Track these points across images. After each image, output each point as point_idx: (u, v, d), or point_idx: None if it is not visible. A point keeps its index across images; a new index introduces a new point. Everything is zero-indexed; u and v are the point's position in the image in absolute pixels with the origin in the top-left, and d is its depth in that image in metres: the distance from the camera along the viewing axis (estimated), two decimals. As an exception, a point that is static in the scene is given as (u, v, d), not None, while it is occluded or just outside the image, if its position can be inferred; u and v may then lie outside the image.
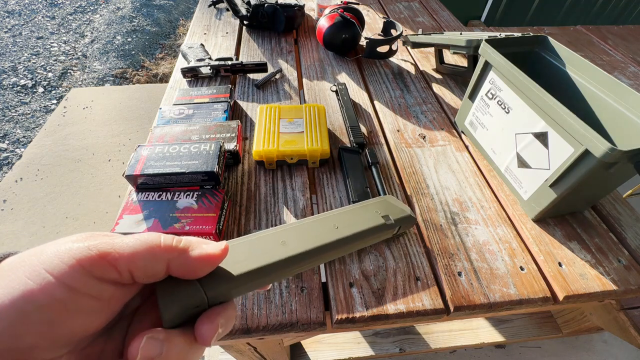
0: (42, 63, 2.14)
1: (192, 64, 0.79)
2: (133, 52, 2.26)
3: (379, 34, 1.04)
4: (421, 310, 0.44)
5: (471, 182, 0.60)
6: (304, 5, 1.03)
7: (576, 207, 0.55)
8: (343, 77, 0.85)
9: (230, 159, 0.59)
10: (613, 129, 0.52)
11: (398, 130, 0.70)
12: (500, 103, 0.57)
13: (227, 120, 0.64)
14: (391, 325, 0.46)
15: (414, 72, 0.88)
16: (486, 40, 0.60)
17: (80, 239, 0.17)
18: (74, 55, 2.25)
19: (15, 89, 1.93)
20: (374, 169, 0.59)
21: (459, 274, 0.48)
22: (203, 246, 0.20)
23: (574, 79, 0.57)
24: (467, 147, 0.67)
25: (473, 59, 0.78)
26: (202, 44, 0.87)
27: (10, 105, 1.83)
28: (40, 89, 1.95)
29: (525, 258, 0.50)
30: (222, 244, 0.20)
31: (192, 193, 0.52)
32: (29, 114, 1.79)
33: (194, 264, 0.19)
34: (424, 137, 0.69)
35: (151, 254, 0.18)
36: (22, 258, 0.16)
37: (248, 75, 0.83)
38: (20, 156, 1.55)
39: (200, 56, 0.82)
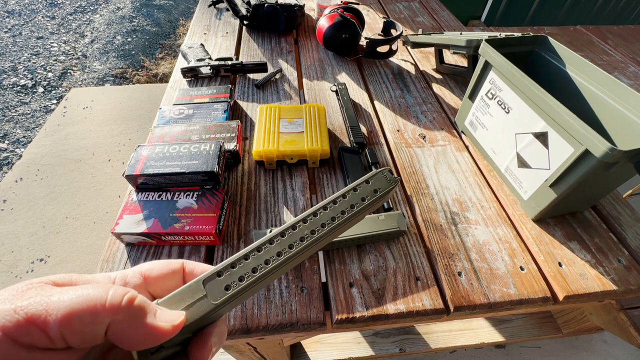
0: (42, 63, 2.14)
1: (192, 64, 0.79)
2: (133, 52, 2.26)
3: (379, 34, 1.04)
4: (421, 310, 0.44)
5: (471, 182, 0.60)
6: (304, 5, 1.03)
7: (576, 207, 0.55)
8: (343, 77, 0.85)
9: (230, 159, 0.59)
10: (613, 129, 0.52)
11: (398, 130, 0.70)
12: (500, 103, 0.57)
13: (227, 120, 0.64)
14: (391, 325, 0.46)
15: (414, 72, 0.88)
16: (486, 40, 0.60)
17: (8, 297, 0.15)
18: (74, 55, 2.25)
19: (15, 89, 1.93)
20: (374, 169, 0.59)
21: (459, 274, 0.48)
22: (157, 313, 0.17)
23: (574, 79, 0.57)
24: (467, 147, 0.67)
25: (473, 59, 0.78)
26: (202, 44, 0.87)
27: (10, 105, 1.83)
28: (40, 89, 1.95)
29: (525, 258, 0.50)
30: (180, 316, 0.17)
31: (192, 193, 0.52)
32: (29, 114, 1.79)
33: (134, 336, 0.16)
34: (424, 137, 0.69)
35: (91, 314, 0.15)
36: None
37: (248, 75, 0.83)
38: (20, 156, 1.55)
39: (200, 56, 0.82)
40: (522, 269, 0.49)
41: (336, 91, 0.77)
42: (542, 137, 0.50)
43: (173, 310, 0.17)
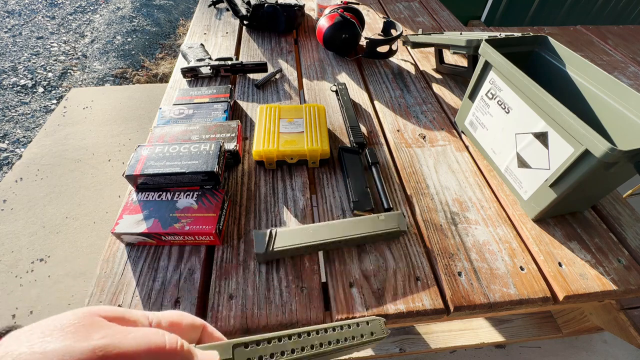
0: (42, 63, 2.14)
1: (192, 64, 0.79)
2: (133, 52, 2.25)
3: (379, 34, 1.04)
4: (421, 310, 0.44)
5: (471, 182, 0.60)
6: (304, 5, 1.03)
7: (576, 207, 0.55)
8: (343, 77, 0.85)
9: (230, 159, 0.59)
10: (613, 129, 0.52)
11: (398, 130, 0.70)
12: (500, 103, 0.57)
13: (227, 120, 0.64)
14: (391, 325, 0.46)
15: (414, 72, 0.88)
16: (486, 40, 0.60)
17: (76, 331, 0.15)
18: (74, 55, 2.25)
19: (15, 89, 1.93)
20: (374, 169, 0.59)
21: (459, 274, 0.48)
22: (199, 354, 0.19)
23: (574, 79, 0.57)
24: (467, 147, 0.67)
25: (473, 59, 0.78)
26: (202, 44, 0.87)
27: (10, 105, 1.83)
28: (40, 89, 1.95)
29: (525, 258, 0.50)
30: (217, 355, 0.20)
31: (192, 193, 0.52)
32: (29, 114, 1.79)
33: None
34: (424, 137, 0.69)
35: (156, 356, 0.17)
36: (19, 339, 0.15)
37: (248, 75, 0.83)
38: (20, 156, 1.55)
39: (200, 56, 0.82)
40: (522, 269, 0.49)
41: (336, 91, 0.77)
42: (542, 137, 0.50)
43: (209, 351, 0.20)
